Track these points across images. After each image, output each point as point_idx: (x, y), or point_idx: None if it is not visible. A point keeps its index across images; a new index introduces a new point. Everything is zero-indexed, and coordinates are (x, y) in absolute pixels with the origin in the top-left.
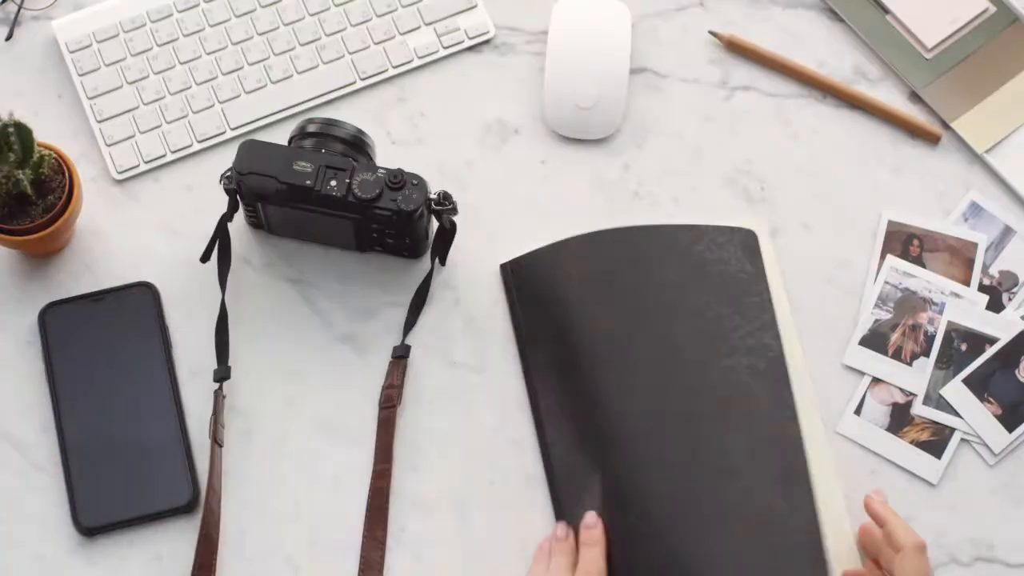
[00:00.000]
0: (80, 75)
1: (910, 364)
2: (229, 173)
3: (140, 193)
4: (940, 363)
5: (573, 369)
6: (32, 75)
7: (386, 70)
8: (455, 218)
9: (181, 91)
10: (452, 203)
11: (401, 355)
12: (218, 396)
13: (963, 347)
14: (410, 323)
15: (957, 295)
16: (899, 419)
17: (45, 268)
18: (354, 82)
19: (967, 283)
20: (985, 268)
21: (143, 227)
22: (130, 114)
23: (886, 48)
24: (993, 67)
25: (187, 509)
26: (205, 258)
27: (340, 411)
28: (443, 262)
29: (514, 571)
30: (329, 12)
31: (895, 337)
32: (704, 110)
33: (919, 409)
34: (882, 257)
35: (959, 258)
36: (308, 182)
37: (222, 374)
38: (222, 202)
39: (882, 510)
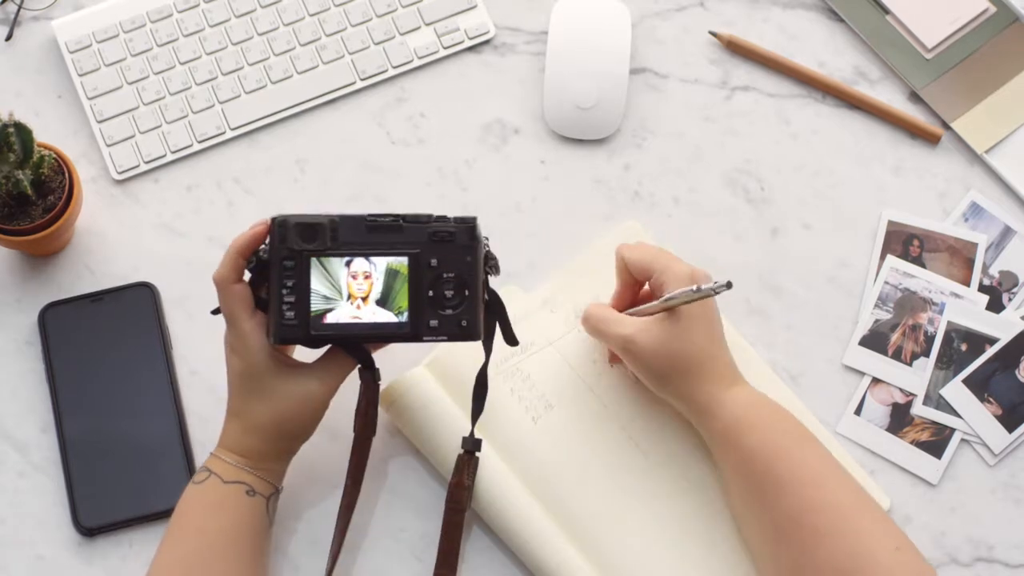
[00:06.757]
0: (80, 75)
1: (910, 364)
2: (264, 246)
3: (140, 193)
4: (940, 363)
5: None
6: (32, 75)
7: (386, 70)
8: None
9: (181, 91)
10: (494, 259)
11: (471, 449)
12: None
13: (963, 347)
14: (476, 411)
15: (957, 295)
16: (899, 419)
17: (45, 268)
18: (354, 82)
19: (967, 283)
20: (985, 268)
21: (143, 227)
22: (130, 114)
23: (886, 48)
24: (993, 67)
25: None
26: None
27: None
28: (511, 341)
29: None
30: (329, 12)
31: (895, 337)
32: (704, 110)
33: (919, 409)
34: (882, 257)
35: (959, 258)
36: (362, 213)
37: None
38: (221, 202)
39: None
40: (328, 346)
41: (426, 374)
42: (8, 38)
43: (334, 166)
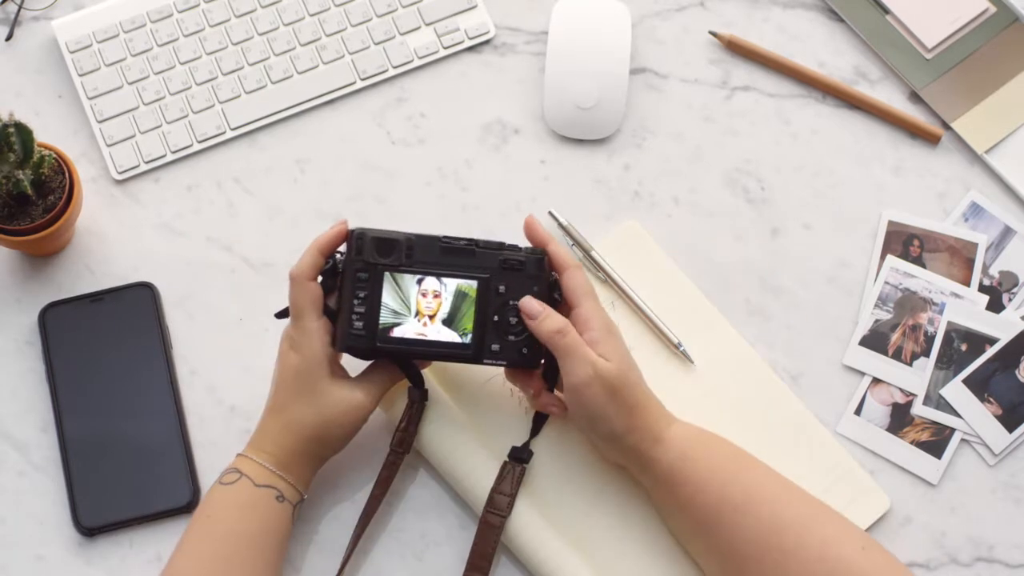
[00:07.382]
0: (80, 75)
1: (910, 364)
2: (339, 253)
3: (140, 193)
4: (940, 363)
5: None
6: (32, 75)
7: (386, 70)
8: None
9: (181, 91)
10: (559, 289)
11: (520, 458)
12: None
13: (963, 347)
14: (536, 427)
15: (957, 295)
16: (899, 419)
17: (45, 268)
18: (354, 82)
19: (967, 283)
20: (985, 268)
21: (143, 227)
22: (130, 114)
23: (886, 48)
24: (993, 67)
25: (187, 509)
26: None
27: None
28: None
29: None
30: (329, 12)
31: (895, 337)
32: (704, 110)
33: (919, 409)
34: (882, 257)
35: (959, 258)
36: (438, 234)
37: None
38: (221, 202)
39: (544, 232)
40: (371, 361)
41: (426, 375)
42: (8, 38)
43: (334, 166)
